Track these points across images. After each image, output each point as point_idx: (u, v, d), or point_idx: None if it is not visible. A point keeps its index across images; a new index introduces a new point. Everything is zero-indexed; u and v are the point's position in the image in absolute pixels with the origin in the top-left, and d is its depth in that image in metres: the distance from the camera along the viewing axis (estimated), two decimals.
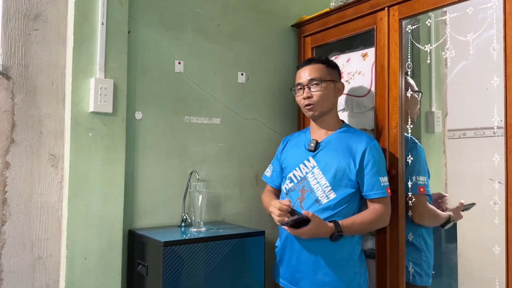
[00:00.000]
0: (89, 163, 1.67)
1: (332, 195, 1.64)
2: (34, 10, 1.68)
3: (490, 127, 1.48)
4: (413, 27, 1.74)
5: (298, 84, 1.76)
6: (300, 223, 1.54)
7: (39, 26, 1.69)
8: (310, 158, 1.72)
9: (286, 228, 1.59)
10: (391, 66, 1.75)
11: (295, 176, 1.75)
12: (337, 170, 1.65)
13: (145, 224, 1.87)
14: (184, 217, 1.90)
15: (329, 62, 1.78)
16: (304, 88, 1.73)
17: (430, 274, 1.77)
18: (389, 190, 1.64)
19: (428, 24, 1.70)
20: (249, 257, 1.76)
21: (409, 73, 1.77)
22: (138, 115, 1.87)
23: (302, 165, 1.73)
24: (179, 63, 1.98)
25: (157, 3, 1.94)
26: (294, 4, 2.35)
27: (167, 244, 1.57)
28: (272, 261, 1.84)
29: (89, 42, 1.69)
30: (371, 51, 1.89)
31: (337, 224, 1.56)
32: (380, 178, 1.63)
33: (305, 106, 1.74)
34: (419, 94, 1.83)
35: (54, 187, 1.70)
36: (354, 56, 2.02)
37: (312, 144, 1.73)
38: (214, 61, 2.09)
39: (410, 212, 1.72)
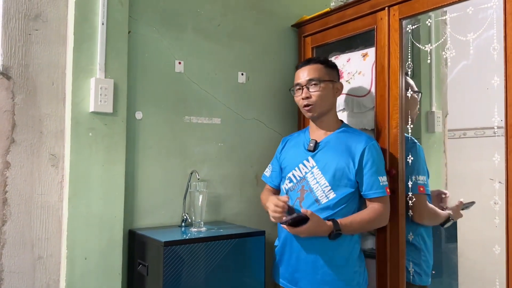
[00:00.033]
0: (90, 163, 1.68)
1: (332, 195, 1.64)
2: (35, 10, 1.68)
3: (491, 127, 1.48)
4: (413, 27, 1.74)
5: (297, 85, 1.76)
6: (299, 222, 1.54)
7: (40, 26, 1.69)
8: (310, 158, 1.72)
9: (285, 227, 1.59)
10: (391, 66, 1.75)
11: (295, 176, 1.75)
12: (337, 170, 1.65)
13: (146, 224, 1.87)
14: (185, 217, 1.90)
15: (328, 62, 1.78)
16: (303, 89, 1.73)
17: (429, 274, 1.77)
18: (388, 190, 1.65)
19: (429, 24, 1.70)
20: (250, 257, 1.76)
21: (409, 73, 1.77)
22: (139, 115, 1.87)
23: (302, 165, 1.73)
24: (179, 63, 1.98)
25: (157, 3, 1.94)
26: (294, 4, 2.35)
27: (168, 244, 1.57)
28: (272, 261, 1.84)
29: (90, 42, 1.69)
30: (371, 51, 1.89)
31: (336, 223, 1.57)
32: (379, 178, 1.63)
33: (304, 107, 1.74)
34: (419, 95, 1.83)
35: (55, 187, 1.70)
36: (354, 56, 2.02)
37: (311, 144, 1.73)
38: (215, 61, 2.09)
39: (410, 212, 1.72)
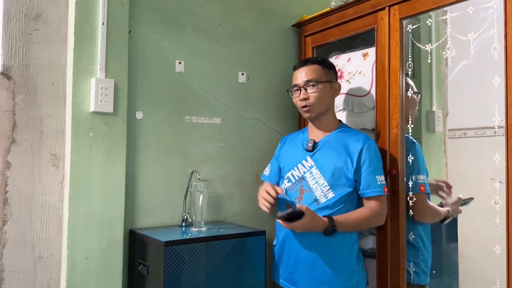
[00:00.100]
0: (90, 163, 1.68)
1: (331, 194, 1.64)
2: (35, 10, 1.68)
3: (491, 127, 1.48)
4: (414, 27, 1.74)
5: (295, 86, 1.77)
6: (295, 217, 1.54)
7: (40, 26, 1.69)
8: (308, 158, 1.72)
9: (280, 222, 1.59)
10: (392, 66, 1.75)
11: (293, 176, 1.75)
12: (335, 170, 1.65)
13: (146, 224, 1.87)
14: (185, 217, 1.90)
15: (325, 63, 1.77)
16: (301, 90, 1.73)
17: (428, 273, 1.77)
18: (386, 189, 1.65)
19: (429, 24, 1.70)
20: (250, 257, 1.76)
21: (410, 73, 1.77)
22: (139, 115, 1.87)
23: (300, 165, 1.74)
24: (180, 63, 1.98)
25: (158, 3, 1.94)
26: (295, 4, 2.35)
27: (168, 244, 1.57)
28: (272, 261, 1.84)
29: (90, 42, 1.69)
30: (372, 51, 1.89)
31: (331, 219, 1.57)
32: (377, 177, 1.63)
33: (302, 108, 1.74)
34: (418, 96, 1.84)
35: (55, 187, 1.70)
36: (355, 56, 2.02)
37: (310, 144, 1.74)
38: (215, 61, 2.09)
39: (411, 211, 1.72)
